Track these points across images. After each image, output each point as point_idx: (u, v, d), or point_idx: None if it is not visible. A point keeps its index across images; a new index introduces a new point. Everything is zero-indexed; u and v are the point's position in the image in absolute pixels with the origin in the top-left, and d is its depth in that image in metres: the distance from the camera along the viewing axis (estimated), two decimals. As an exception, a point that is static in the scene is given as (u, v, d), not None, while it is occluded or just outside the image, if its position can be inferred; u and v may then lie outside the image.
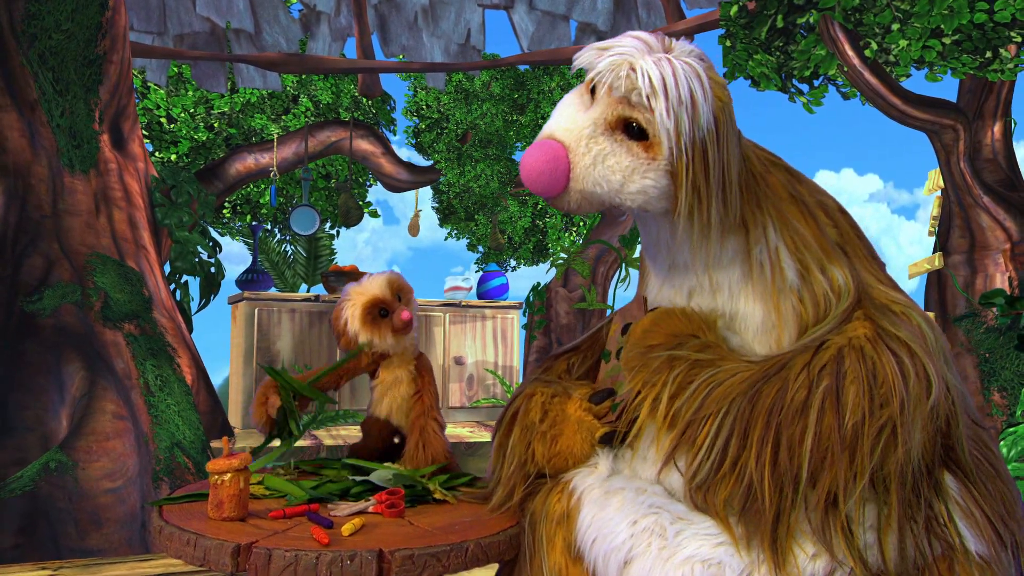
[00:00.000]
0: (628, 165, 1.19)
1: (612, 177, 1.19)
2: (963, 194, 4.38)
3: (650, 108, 1.16)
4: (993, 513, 1.20)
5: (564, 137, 1.20)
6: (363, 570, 1.22)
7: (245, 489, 1.41)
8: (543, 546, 1.34)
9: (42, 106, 3.81)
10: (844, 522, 1.13)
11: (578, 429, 1.41)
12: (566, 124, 1.22)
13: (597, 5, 5.93)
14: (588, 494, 1.33)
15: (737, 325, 1.30)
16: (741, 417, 1.17)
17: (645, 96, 1.15)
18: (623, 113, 1.20)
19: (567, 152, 1.19)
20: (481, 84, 7.58)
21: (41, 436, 3.34)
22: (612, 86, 1.19)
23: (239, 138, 6.87)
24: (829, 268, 1.27)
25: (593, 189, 1.20)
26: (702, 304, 1.32)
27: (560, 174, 1.19)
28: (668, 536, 1.21)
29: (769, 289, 1.27)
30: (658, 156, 1.19)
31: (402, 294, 1.73)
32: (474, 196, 7.79)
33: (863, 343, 1.18)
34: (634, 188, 1.20)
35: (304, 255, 7.15)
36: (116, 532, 3.26)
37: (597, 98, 1.22)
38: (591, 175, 1.19)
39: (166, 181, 4.69)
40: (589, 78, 1.23)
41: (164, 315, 4.08)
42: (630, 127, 1.20)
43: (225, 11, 5.85)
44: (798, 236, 1.28)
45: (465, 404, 5.81)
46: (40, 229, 3.71)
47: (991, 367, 4.08)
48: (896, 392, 1.13)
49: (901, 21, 3.77)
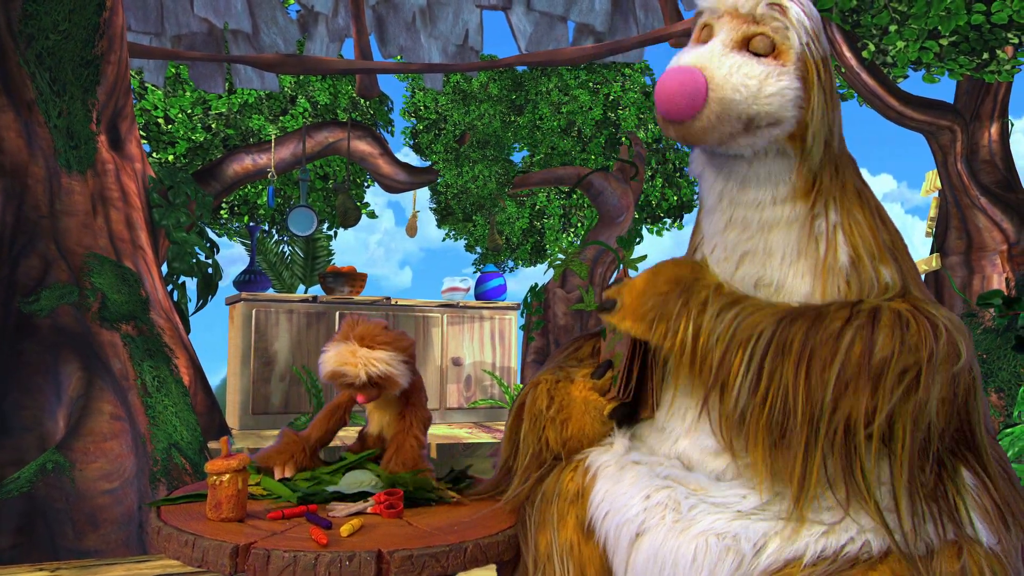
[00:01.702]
0: (762, 71, 1.25)
1: (749, 82, 1.24)
2: (960, 195, 4.39)
3: (782, 10, 1.26)
4: (1004, 506, 1.21)
5: (696, 60, 1.25)
6: (362, 571, 1.22)
7: (243, 490, 1.41)
8: (554, 524, 1.34)
9: (39, 106, 3.81)
10: (861, 473, 1.14)
11: (586, 409, 1.43)
12: (693, 55, 1.27)
13: (595, 6, 5.93)
14: (603, 471, 1.34)
15: (783, 295, 1.31)
16: (777, 339, 1.19)
17: (771, 5, 1.25)
18: (748, 31, 1.27)
19: (701, 71, 1.24)
20: (479, 85, 7.58)
21: (38, 437, 3.33)
22: (736, 9, 1.27)
23: (237, 139, 6.87)
24: (879, 265, 1.30)
25: (732, 96, 1.23)
26: (751, 271, 1.33)
27: (700, 88, 1.22)
28: (682, 510, 1.21)
29: (820, 265, 1.29)
30: (787, 62, 1.26)
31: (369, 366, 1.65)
32: (472, 197, 7.79)
33: (900, 308, 1.22)
34: (771, 90, 1.25)
35: (302, 256, 7.15)
36: (113, 533, 3.26)
37: (717, 26, 1.29)
38: (730, 82, 1.23)
39: (163, 182, 4.69)
40: (703, 22, 1.32)
41: (161, 316, 4.08)
42: (754, 45, 1.27)
43: (223, 12, 5.84)
44: (856, 224, 1.31)
45: (463, 405, 5.81)
46: (37, 229, 3.71)
47: (988, 368, 4.09)
48: (926, 343, 1.16)
49: (899, 23, 3.77)
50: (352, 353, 1.61)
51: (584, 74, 7.54)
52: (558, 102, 7.55)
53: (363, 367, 1.60)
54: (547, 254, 8.19)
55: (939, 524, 1.14)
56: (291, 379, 5.28)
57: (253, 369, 5.22)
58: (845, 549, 1.12)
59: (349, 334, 1.65)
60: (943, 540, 1.14)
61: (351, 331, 1.65)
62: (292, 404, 5.29)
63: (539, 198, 8.19)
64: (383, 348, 1.63)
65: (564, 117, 7.58)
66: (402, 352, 1.66)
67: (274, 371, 5.27)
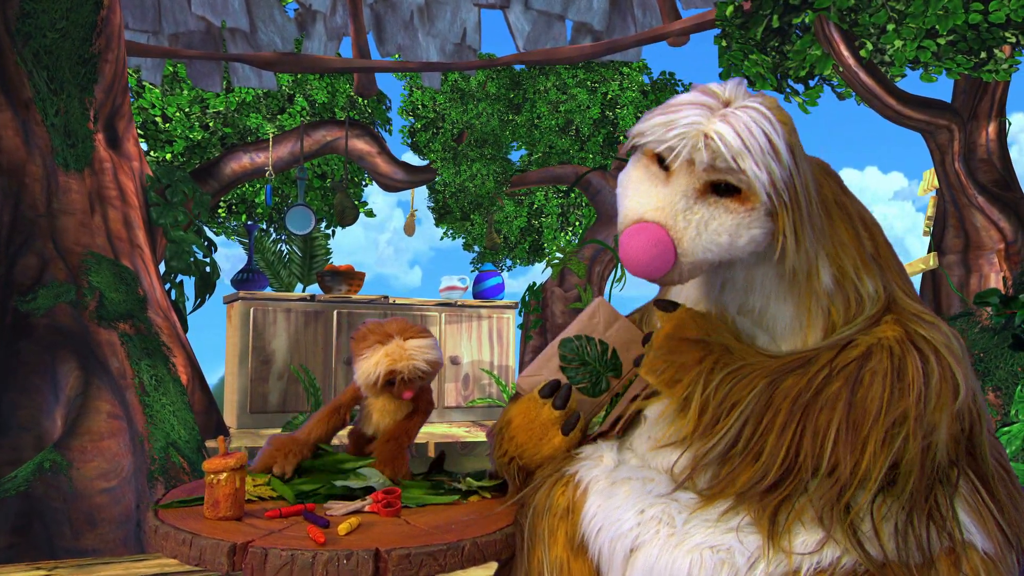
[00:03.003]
0: (732, 223, 1.20)
1: (720, 240, 1.20)
2: (958, 194, 4.39)
3: (740, 169, 1.17)
4: (1002, 514, 1.21)
5: (658, 217, 1.20)
6: (359, 569, 1.22)
7: (241, 488, 1.41)
8: (544, 540, 1.34)
9: (36, 105, 3.80)
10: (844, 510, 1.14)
11: (528, 426, 1.46)
12: (653, 204, 1.21)
13: (593, 5, 5.93)
14: (594, 485, 1.34)
15: (766, 322, 1.31)
16: (760, 402, 1.19)
17: (731, 159, 1.16)
18: (710, 178, 1.20)
19: (667, 231, 1.20)
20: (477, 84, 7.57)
21: (36, 436, 3.32)
22: (693, 160, 1.19)
23: (234, 137, 6.86)
24: (863, 276, 1.29)
25: (704, 256, 1.20)
26: (732, 299, 1.34)
27: (668, 254, 1.19)
28: (676, 524, 1.21)
29: (803, 291, 1.29)
30: (755, 204, 1.20)
31: None
32: (470, 196, 7.79)
33: (891, 343, 1.20)
34: (743, 242, 1.21)
35: (299, 255, 7.14)
36: (111, 532, 3.25)
37: (675, 170, 1.22)
38: (699, 244, 1.20)
39: (161, 180, 4.68)
40: (653, 151, 1.24)
41: (159, 315, 4.07)
42: (718, 188, 1.21)
43: (220, 10, 5.83)
44: (838, 242, 1.30)
45: (461, 404, 5.80)
46: (34, 228, 3.70)
47: (985, 367, 4.10)
48: (915, 386, 1.15)
49: (896, 21, 3.78)
50: (402, 348, 1.63)
51: (582, 73, 7.54)
52: (556, 101, 7.55)
53: (420, 356, 1.63)
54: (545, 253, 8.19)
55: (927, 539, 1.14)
56: (289, 378, 5.28)
57: (251, 368, 5.21)
58: (842, 561, 1.12)
59: (387, 334, 1.66)
60: (940, 548, 1.14)
61: (386, 330, 1.67)
62: (290, 403, 5.28)
63: (537, 197, 8.19)
64: (422, 336, 1.67)
65: (562, 116, 7.58)
66: (432, 336, 1.70)
67: (272, 370, 5.26)
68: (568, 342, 1.57)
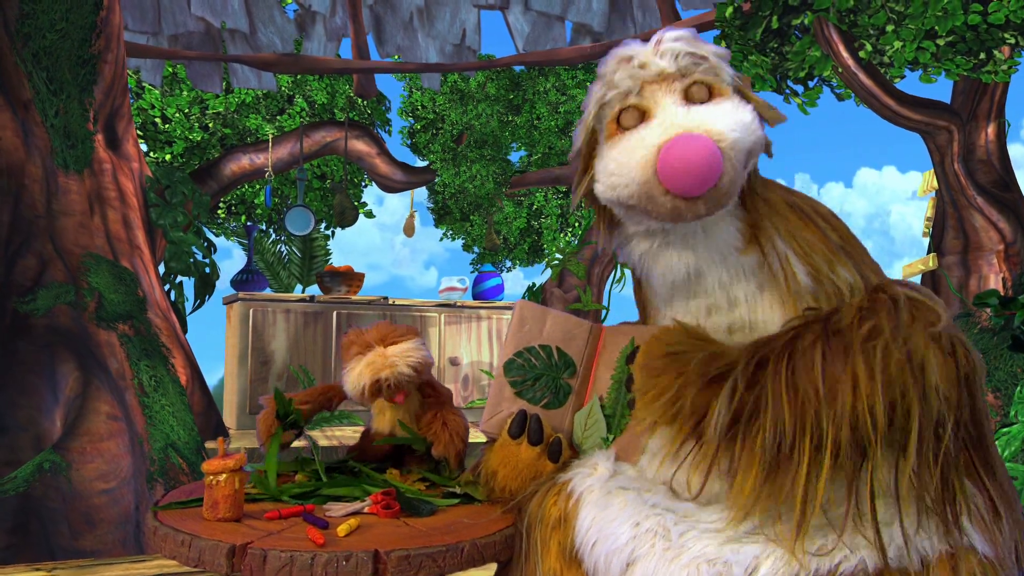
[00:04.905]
0: (730, 106, 1.26)
1: (743, 118, 1.25)
2: (957, 195, 4.39)
3: (702, 56, 1.27)
4: (998, 512, 1.20)
5: (691, 125, 1.23)
6: (359, 571, 1.22)
7: (240, 490, 1.41)
8: (537, 551, 1.33)
9: (36, 106, 3.80)
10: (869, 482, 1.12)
11: (515, 473, 1.46)
12: (659, 132, 1.23)
13: (592, 6, 5.93)
14: (588, 496, 1.32)
15: (758, 332, 1.31)
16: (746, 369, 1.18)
17: (690, 55, 1.26)
18: (684, 86, 1.27)
19: (704, 134, 1.21)
20: (476, 85, 7.58)
21: (34, 436, 3.32)
22: (664, 67, 1.26)
23: (234, 138, 6.86)
24: (837, 268, 1.31)
25: (742, 145, 1.23)
26: (720, 320, 1.34)
27: (718, 153, 1.20)
28: (672, 537, 1.20)
29: (784, 295, 1.31)
30: (729, 96, 1.28)
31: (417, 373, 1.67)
32: (469, 197, 7.79)
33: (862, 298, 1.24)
34: (748, 118, 1.26)
35: (299, 256, 7.14)
36: (110, 533, 3.25)
37: (652, 104, 1.27)
38: (728, 126, 1.23)
39: (161, 181, 4.68)
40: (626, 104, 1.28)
41: (158, 315, 4.07)
42: (693, 99, 1.27)
43: (220, 11, 5.83)
44: (804, 241, 1.32)
45: (461, 405, 5.80)
46: (34, 229, 3.70)
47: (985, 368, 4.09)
48: (884, 305, 1.19)
49: (895, 23, 3.78)
50: (383, 356, 1.62)
51: (582, 74, 7.54)
52: (556, 102, 7.55)
53: (402, 362, 1.61)
54: (545, 254, 8.19)
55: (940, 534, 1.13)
56: (288, 379, 5.28)
57: (250, 369, 5.21)
58: (840, 568, 1.11)
59: (366, 343, 1.65)
60: (939, 552, 1.13)
61: (366, 339, 1.66)
62: (289, 404, 5.27)
63: (536, 198, 8.19)
64: (405, 339, 1.66)
65: (562, 117, 7.58)
66: (417, 336, 1.69)
67: (271, 371, 5.26)
68: (511, 364, 1.51)
